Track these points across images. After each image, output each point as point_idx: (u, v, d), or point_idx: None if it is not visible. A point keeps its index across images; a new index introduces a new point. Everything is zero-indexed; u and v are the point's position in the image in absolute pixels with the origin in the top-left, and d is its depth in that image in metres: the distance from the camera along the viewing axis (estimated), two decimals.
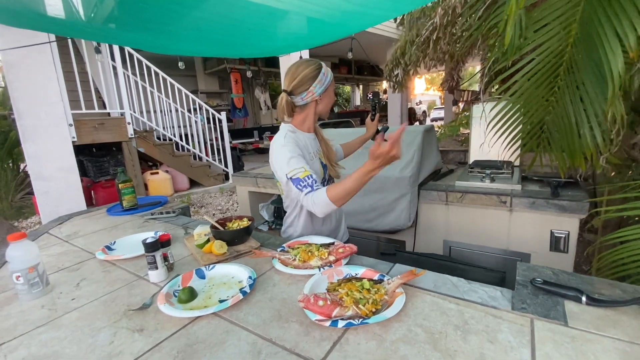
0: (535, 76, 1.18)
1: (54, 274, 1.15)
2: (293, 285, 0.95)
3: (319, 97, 1.25)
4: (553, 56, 1.12)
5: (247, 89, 9.86)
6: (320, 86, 1.23)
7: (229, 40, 2.23)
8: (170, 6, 1.58)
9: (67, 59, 3.90)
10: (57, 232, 1.64)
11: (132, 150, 4.75)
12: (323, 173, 1.33)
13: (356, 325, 0.73)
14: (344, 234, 1.51)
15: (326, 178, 1.35)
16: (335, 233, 1.43)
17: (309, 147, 1.28)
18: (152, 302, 0.91)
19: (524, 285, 0.87)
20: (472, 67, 12.98)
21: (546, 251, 1.66)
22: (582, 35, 1.02)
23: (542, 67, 1.16)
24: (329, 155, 1.38)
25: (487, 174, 1.91)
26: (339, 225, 1.48)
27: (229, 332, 0.76)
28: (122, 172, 1.89)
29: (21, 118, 3.04)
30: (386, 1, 1.73)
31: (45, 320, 0.88)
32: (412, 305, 0.82)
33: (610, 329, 0.69)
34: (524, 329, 0.71)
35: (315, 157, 1.31)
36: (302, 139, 1.27)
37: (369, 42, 7.46)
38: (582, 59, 1.04)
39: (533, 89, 1.21)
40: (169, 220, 1.69)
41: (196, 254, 1.18)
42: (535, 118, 1.31)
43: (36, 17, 1.65)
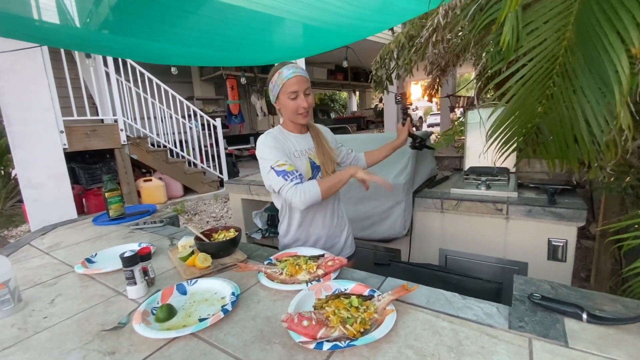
0: (529, 81, 1.16)
1: (30, 289, 1.09)
2: (279, 301, 0.90)
3: (275, 103, 1.27)
4: (546, 60, 1.10)
5: (244, 96, 9.85)
6: (272, 94, 1.26)
7: (223, 52, 2.21)
8: (163, 15, 1.56)
9: (59, 64, 3.85)
10: (39, 243, 1.58)
11: (125, 157, 4.69)
12: (311, 173, 1.28)
13: (342, 347, 0.68)
14: (350, 245, 1.47)
15: (314, 178, 1.29)
16: (334, 237, 1.38)
17: (295, 145, 1.27)
18: (128, 321, 0.85)
19: (521, 301, 0.82)
20: (467, 73, 13.08)
21: (544, 260, 1.62)
22: (578, 37, 0.99)
23: (536, 72, 1.13)
24: (326, 158, 1.31)
25: (482, 180, 1.88)
26: (340, 231, 1.41)
27: (207, 355, 0.71)
28: (109, 180, 1.84)
29: (10, 124, 2.97)
30: (379, 14, 1.73)
31: (14, 340, 0.82)
32: (403, 323, 0.77)
33: (613, 350, 0.64)
34: (521, 350, 0.66)
35: (303, 155, 1.27)
36: (285, 138, 1.27)
37: (364, 50, 7.49)
38: (578, 62, 1.01)
39: (527, 94, 1.18)
40: (155, 230, 1.64)
41: (179, 267, 1.13)
42: (529, 123, 1.28)
43: (26, 25, 1.62)
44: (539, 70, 1.11)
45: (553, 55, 1.08)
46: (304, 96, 1.20)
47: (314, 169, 1.28)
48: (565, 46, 1.05)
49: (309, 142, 1.31)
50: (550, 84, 1.12)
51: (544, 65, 1.10)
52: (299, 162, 1.24)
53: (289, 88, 1.18)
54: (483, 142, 2.23)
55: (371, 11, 1.68)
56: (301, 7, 1.58)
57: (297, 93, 1.19)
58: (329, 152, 1.32)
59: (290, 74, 1.17)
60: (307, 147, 1.30)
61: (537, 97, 1.16)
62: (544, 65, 1.10)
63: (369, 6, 1.63)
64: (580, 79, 1.01)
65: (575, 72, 1.02)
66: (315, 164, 1.29)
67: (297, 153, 1.26)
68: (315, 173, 1.29)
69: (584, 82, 0.98)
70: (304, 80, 1.20)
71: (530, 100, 1.18)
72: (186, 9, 1.54)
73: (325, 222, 1.34)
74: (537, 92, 1.15)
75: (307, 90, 1.21)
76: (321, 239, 1.35)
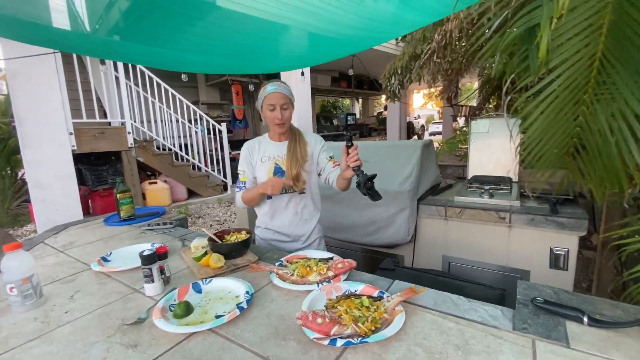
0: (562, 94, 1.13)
1: (48, 285, 1.13)
2: (291, 301, 0.94)
3: (261, 112, 1.47)
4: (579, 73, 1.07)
5: (248, 101, 9.95)
6: (258, 104, 1.47)
7: (232, 60, 2.27)
8: (170, 23, 1.62)
9: (70, 68, 3.94)
10: (52, 242, 1.62)
11: (131, 159, 4.75)
12: (272, 176, 1.45)
13: (355, 344, 0.71)
14: (316, 233, 1.59)
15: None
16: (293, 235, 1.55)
17: (267, 151, 1.49)
18: (147, 317, 0.89)
19: (524, 304, 0.86)
20: (469, 83, 13.17)
21: (546, 268, 1.65)
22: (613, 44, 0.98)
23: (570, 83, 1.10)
24: (292, 164, 1.43)
25: (485, 189, 1.92)
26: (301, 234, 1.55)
27: (225, 350, 0.74)
28: (121, 182, 1.88)
29: (22, 125, 3.04)
30: (387, 25, 1.78)
31: (38, 333, 0.86)
32: (412, 323, 0.80)
33: (613, 351, 0.68)
34: (525, 350, 0.70)
35: (269, 160, 1.47)
36: (261, 145, 1.51)
37: (369, 58, 7.58)
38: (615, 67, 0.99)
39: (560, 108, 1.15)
40: (166, 231, 1.68)
41: (193, 267, 1.17)
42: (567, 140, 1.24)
43: (41, 31, 1.68)
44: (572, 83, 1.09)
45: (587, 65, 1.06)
46: (281, 110, 1.38)
47: (277, 173, 1.47)
48: (600, 57, 1.02)
49: (282, 150, 1.48)
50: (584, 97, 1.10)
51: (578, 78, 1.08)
52: (262, 167, 1.48)
53: (269, 101, 1.38)
54: (487, 152, 2.28)
55: (379, 22, 1.74)
56: (310, 18, 1.64)
57: (274, 106, 1.37)
58: (299, 159, 1.45)
59: (271, 89, 1.37)
60: (278, 153, 1.48)
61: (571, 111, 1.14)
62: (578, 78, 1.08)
63: (378, 18, 1.68)
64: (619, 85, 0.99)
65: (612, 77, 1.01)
66: (281, 169, 1.46)
67: (264, 159, 1.48)
68: (279, 176, 1.46)
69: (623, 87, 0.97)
70: (282, 97, 1.38)
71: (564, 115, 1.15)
72: (196, 16, 1.60)
73: (284, 220, 1.53)
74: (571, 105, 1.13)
75: (284, 105, 1.38)
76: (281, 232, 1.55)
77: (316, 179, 1.56)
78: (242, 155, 1.52)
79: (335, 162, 1.50)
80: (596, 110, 1.08)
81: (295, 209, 1.52)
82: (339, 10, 1.55)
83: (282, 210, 1.52)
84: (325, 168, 1.50)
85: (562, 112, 1.15)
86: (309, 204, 1.56)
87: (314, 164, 1.52)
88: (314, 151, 1.52)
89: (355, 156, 1.20)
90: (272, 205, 1.52)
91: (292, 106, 1.44)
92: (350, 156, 1.21)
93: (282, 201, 1.51)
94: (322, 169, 1.51)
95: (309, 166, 1.49)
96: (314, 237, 1.59)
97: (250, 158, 1.51)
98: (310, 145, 1.51)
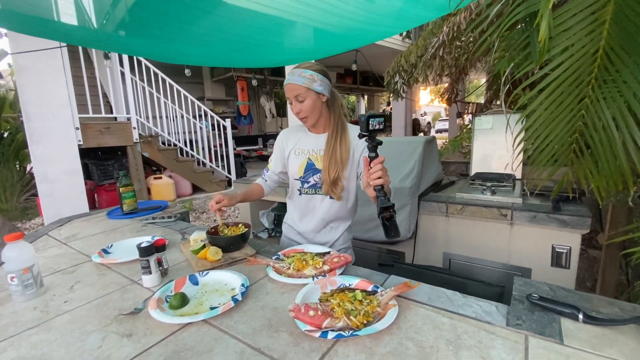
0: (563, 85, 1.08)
1: (49, 275, 1.15)
2: (286, 294, 0.95)
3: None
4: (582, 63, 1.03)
5: (253, 97, 9.96)
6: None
7: (236, 52, 2.27)
8: (179, 16, 1.62)
9: (77, 63, 3.98)
10: (56, 234, 1.65)
11: (136, 154, 4.80)
12: (303, 172, 1.33)
13: (346, 337, 0.71)
14: (341, 243, 1.42)
15: (315, 183, 1.32)
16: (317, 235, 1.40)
17: (302, 143, 1.34)
18: (143, 307, 0.90)
19: (520, 300, 0.85)
20: (477, 80, 13.01)
21: (547, 266, 1.64)
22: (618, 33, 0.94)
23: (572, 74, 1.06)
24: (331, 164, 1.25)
25: (488, 186, 1.90)
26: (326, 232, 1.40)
27: (218, 340, 0.75)
28: (124, 176, 1.90)
29: (29, 120, 3.08)
30: (391, 19, 1.76)
31: (37, 322, 0.88)
32: (405, 318, 0.80)
33: (607, 349, 0.67)
34: (517, 345, 0.69)
35: (303, 154, 1.33)
36: (297, 134, 1.37)
37: (374, 54, 7.53)
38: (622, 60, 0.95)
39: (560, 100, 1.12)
40: (167, 225, 1.69)
41: (191, 259, 1.18)
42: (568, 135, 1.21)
43: (48, 24, 1.69)
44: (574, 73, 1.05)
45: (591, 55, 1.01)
46: (296, 102, 1.23)
47: (309, 170, 1.32)
48: (603, 45, 1.00)
49: (320, 143, 1.31)
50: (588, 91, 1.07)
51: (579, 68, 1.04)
52: (294, 161, 1.34)
53: (286, 94, 1.26)
54: (491, 149, 2.25)
55: (383, 16, 1.72)
56: (314, 11, 1.63)
57: (290, 100, 1.25)
58: (338, 163, 1.25)
59: (285, 82, 1.24)
60: (314, 147, 1.32)
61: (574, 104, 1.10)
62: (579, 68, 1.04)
63: (382, 12, 1.67)
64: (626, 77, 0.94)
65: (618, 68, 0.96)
66: (314, 166, 1.31)
67: (297, 151, 1.34)
68: (308, 175, 1.32)
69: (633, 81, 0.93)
70: (293, 88, 1.21)
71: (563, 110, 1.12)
72: (202, 8, 1.60)
73: (309, 225, 1.39)
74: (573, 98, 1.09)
75: (298, 97, 1.22)
76: (303, 236, 1.42)
77: (355, 186, 1.34)
78: (276, 143, 1.41)
79: None
80: (599, 103, 1.05)
81: (323, 215, 1.34)
82: (343, 4, 1.54)
83: (309, 213, 1.37)
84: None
85: (564, 105, 1.13)
86: (340, 212, 1.36)
87: (354, 166, 1.29)
88: (356, 150, 1.28)
89: (379, 172, 0.91)
90: (300, 203, 1.38)
91: (316, 94, 1.22)
92: (372, 171, 0.92)
93: (310, 202, 1.35)
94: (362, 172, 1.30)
95: (349, 171, 1.28)
96: (338, 247, 1.41)
97: (284, 148, 1.36)
98: (352, 143, 1.28)
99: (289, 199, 1.46)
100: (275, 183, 1.48)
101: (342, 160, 1.25)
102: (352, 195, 1.37)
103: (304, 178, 1.34)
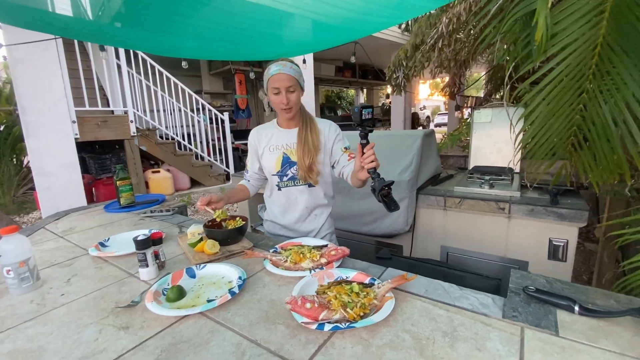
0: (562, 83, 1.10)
1: (46, 269, 1.15)
2: (283, 286, 0.95)
3: (266, 95, 1.34)
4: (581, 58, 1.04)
5: (251, 91, 9.89)
6: (264, 86, 1.33)
7: (233, 45, 2.25)
8: (175, 8, 1.60)
9: (72, 56, 3.93)
10: (53, 227, 1.64)
11: (134, 148, 4.77)
12: (280, 167, 1.36)
13: (343, 329, 0.72)
14: (326, 229, 1.49)
15: (292, 175, 1.36)
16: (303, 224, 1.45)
17: (275, 140, 1.38)
18: (140, 300, 0.90)
19: (516, 293, 0.85)
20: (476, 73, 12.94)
21: (544, 259, 1.64)
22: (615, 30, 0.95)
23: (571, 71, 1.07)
24: (305, 154, 1.31)
25: (486, 179, 1.90)
26: (311, 220, 1.45)
27: (214, 332, 0.75)
28: (120, 170, 1.89)
29: (25, 114, 3.06)
30: (389, 10, 1.74)
31: (33, 315, 0.88)
32: (402, 310, 0.80)
33: (602, 340, 0.67)
34: (513, 337, 0.70)
35: (277, 150, 1.37)
36: (269, 132, 1.40)
37: (373, 47, 7.47)
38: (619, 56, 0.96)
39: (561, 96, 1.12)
40: (164, 218, 1.69)
41: (188, 252, 1.18)
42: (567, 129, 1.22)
43: (42, 16, 1.67)
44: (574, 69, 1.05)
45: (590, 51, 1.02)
46: (287, 93, 1.25)
47: (285, 163, 1.36)
48: (601, 42, 1.01)
49: (292, 137, 1.36)
50: (587, 86, 1.08)
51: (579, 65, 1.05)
52: (269, 157, 1.38)
53: (272, 84, 1.25)
54: (489, 142, 2.25)
55: (381, 6, 1.70)
56: (311, 2, 1.60)
57: (279, 89, 1.25)
58: (310, 149, 1.31)
59: (275, 71, 1.24)
60: (287, 142, 1.37)
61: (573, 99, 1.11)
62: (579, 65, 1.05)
63: (380, 1, 1.64)
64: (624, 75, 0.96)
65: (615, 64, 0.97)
66: (290, 159, 1.36)
67: (272, 147, 1.38)
68: (285, 168, 1.37)
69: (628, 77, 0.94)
70: (288, 78, 1.24)
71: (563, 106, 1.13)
72: (199, 0, 1.57)
73: (293, 216, 1.43)
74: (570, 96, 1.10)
75: (290, 87, 1.25)
76: (288, 228, 1.47)
77: (329, 171, 1.42)
78: (249, 143, 1.44)
79: (351, 153, 1.35)
80: (597, 99, 1.05)
81: (305, 203, 1.40)
82: None
83: (291, 205, 1.42)
84: (340, 160, 1.35)
85: (563, 100, 1.13)
86: (320, 198, 1.42)
87: (327, 155, 1.38)
88: (327, 140, 1.37)
89: (371, 156, 1.04)
90: (280, 199, 1.42)
91: (301, 88, 1.31)
92: (365, 156, 1.04)
93: (290, 195, 1.40)
94: (336, 161, 1.36)
95: (322, 157, 1.36)
96: (324, 233, 1.48)
97: (256, 146, 1.42)
98: (323, 134, 1.37)
99: (268, 197, 1.49)
100: (259, 181, 1.52)
101: (315, 147, 1.33)
102: (329, 181, 1.46)
103: (282, 172, 1.38)
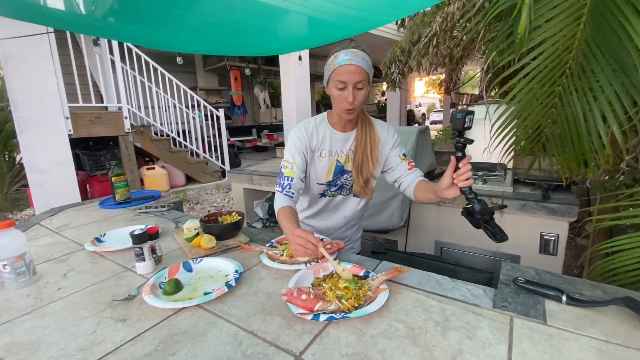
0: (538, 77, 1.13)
1: (42, 264, 1.15)
2: (279, 279, 0.96)
3: (326, 88, 1.11)
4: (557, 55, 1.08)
5: (247, 87, 9.85)
6: (324, 77, 1.11)
7: (228, 39, 2.24)
8: (170, 0, 1.59)
9: (65, 51, 3.89)
10: (48, 223, 1.64)
11: (128, 144, 4.74)
12: (332, 176, 1.19)
13: (338, 319, 0.73)
14: (354, 241, 1.43)
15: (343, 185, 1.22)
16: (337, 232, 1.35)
17: (327, 144, 1.16)
18: (137, 293, 0.91)
19: (506, 284, 0.87)
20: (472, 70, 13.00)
21: (536, 253, 1.68)
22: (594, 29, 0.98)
23: (545, 67, 1.11)
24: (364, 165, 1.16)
25: (479, 175, 1.92)
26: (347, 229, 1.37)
27: (212, 324, 0.76)
28: (115, 165, 1.89)
29: (17, 110, 3.03)
30: (385, 7, 1.75)
31: (30, 308, 0.88)
32: (395, 301, 0.82)
33: (588, 328, 0.70)
34: (503, 326, 0.72)
35: (330, 156, 1.17)
36: (319, 133, 1.16)
37: (369, 44, 7.47)
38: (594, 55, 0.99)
39: (536, 90, 1.16)
40: (160, 214, 1.69)
41: (185, 247, 1.18)
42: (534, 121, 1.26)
43: (33, 7, 1.65)
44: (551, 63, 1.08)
45: (566, 48, 1.05)
46: (354, 90, 1.03)
47: (338, 172, 1.18)
48: (579, 38, 1.03)
49: (348, 144, 1.17)
50: (562, 81, 1.11)
51: (556, 59, 1.07)
52: (320, 163, 1.18)
53: (338, 76, 1.03)
54: (483, 138, 2.27)
55: (376, 3, 1.70)
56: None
57: (345, 84, 1.03)
58: (369, 163, 1.15)
59: (344, 60, 1.01)
60: (342, 148, 1.17)
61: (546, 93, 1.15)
62: (556, 59, 1.07)
63: None
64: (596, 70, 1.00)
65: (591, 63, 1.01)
66: (344, 169, 1.19)
67: (324, 153, 1.17)
68: (337, 177, 1.19)
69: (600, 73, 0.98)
70: (358, 71, 1.02)
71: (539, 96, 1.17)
72: None
73: (330, 224, 1.32)
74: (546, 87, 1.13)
75: (359, 84, 1.03)
76: (322, 233, 1.30)
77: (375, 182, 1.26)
78: (292, 142, 1.15)
79: (410, 162, 1.18)
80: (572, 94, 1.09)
81: (345, 213, 1.27)
82: None
83: (330, 212, 1.28)
84: (397, 168, 1.18)
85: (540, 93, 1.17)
86: (361, 210, 1.30)
87: (382, 162, 1.21)
88: (384, 146, 1.19)
89: (468, 173, 0.86)
90: (317, 206, 1.26)
91: (369, 85, 1.08)
92: (461, 172, 0.86)
93: (332, 203, 1.26)
94: (392, 168, 1.19)
95: (378, 169, 1.19)
96: (355, 238, 1.41)
97: (305, 146, 1.14)
98: (381, 141, 1.18)
99: (300, 196, 1.28)
100: (300, 192, 1.20)
101: (374, 159, 1.15)
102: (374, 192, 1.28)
103: (333, 182, 1.21)
